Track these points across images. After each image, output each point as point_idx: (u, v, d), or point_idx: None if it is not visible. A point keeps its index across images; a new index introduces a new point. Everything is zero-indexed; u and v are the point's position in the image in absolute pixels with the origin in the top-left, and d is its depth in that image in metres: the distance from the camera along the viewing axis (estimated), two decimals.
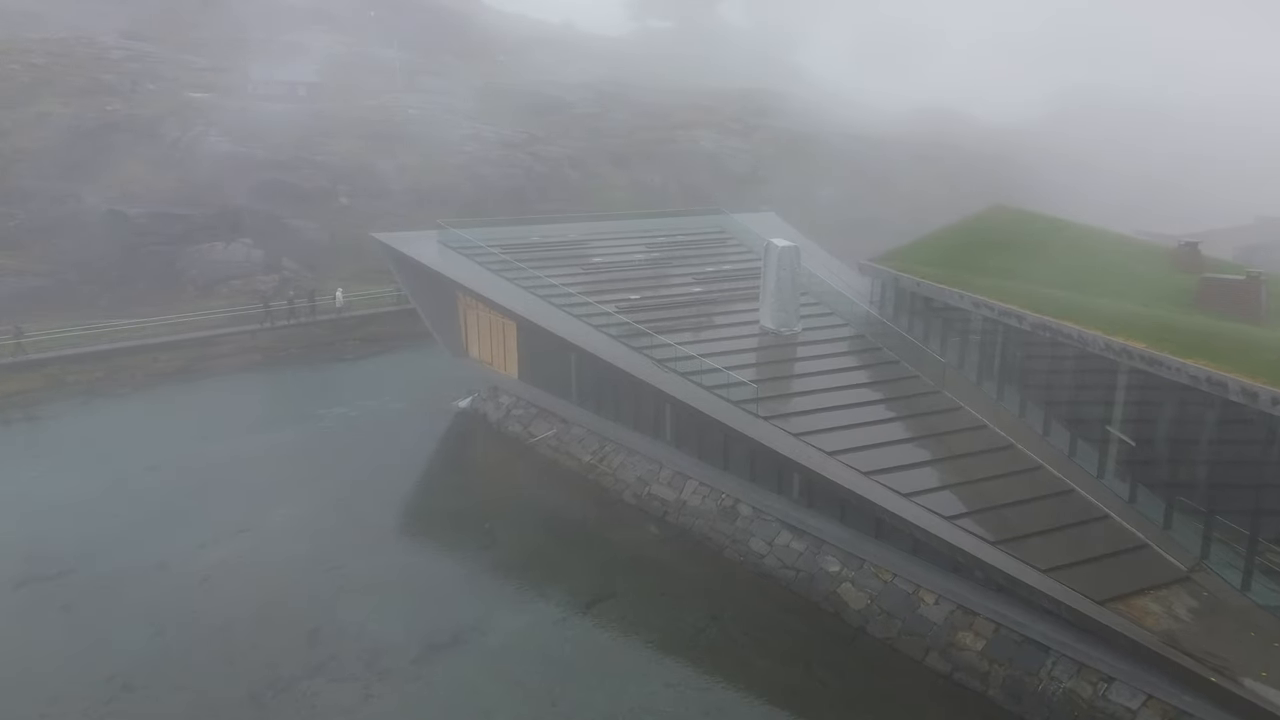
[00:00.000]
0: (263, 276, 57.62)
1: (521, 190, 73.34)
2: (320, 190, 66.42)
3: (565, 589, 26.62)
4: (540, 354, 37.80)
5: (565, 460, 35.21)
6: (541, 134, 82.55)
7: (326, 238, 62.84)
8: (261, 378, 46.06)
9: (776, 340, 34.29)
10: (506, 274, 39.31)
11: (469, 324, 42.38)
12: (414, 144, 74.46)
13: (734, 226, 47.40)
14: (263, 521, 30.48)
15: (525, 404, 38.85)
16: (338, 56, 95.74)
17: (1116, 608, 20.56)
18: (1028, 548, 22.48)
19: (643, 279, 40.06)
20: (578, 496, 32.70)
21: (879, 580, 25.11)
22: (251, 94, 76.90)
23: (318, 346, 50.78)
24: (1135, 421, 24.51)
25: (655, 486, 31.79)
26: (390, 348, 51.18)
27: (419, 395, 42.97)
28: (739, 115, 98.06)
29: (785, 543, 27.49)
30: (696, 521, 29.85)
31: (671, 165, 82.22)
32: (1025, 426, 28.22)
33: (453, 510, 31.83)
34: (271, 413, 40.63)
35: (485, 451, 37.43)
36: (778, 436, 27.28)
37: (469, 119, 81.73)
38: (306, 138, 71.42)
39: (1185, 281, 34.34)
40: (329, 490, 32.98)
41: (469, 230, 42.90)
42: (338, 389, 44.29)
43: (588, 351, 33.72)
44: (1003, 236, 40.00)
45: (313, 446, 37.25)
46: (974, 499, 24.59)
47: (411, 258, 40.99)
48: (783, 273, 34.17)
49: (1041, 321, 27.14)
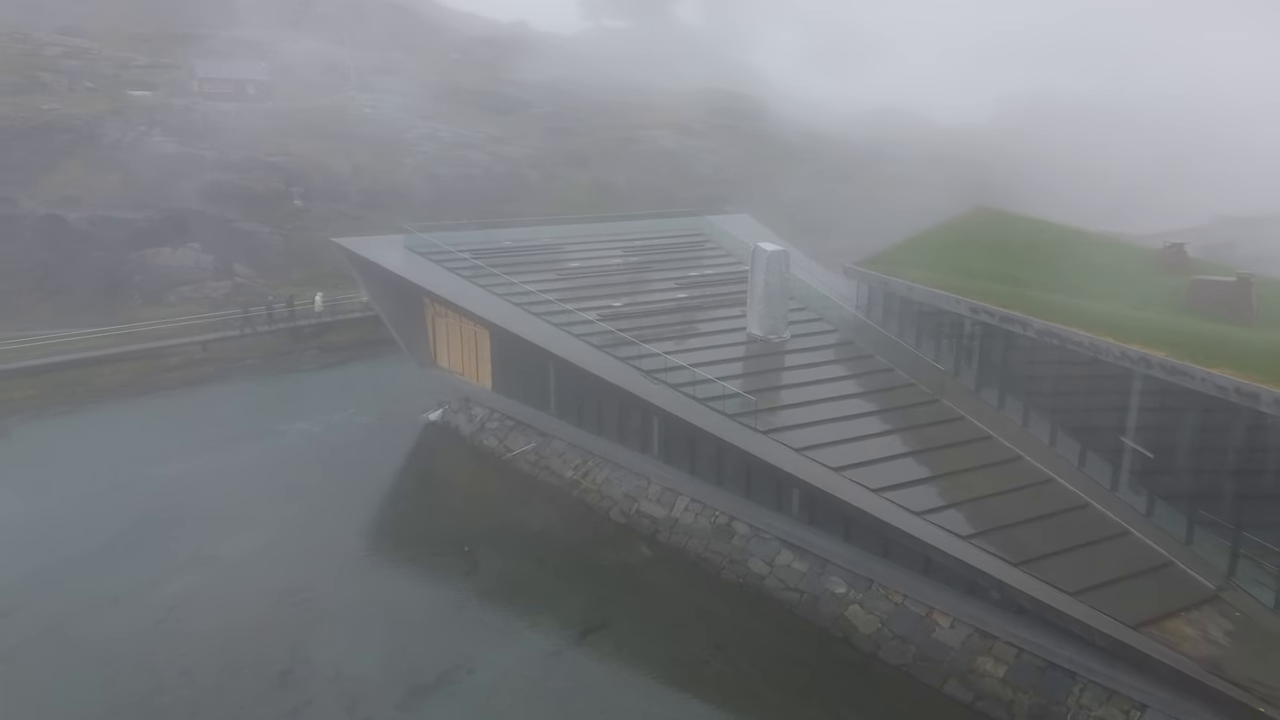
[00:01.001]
0: (213, 283, 54.98)
1: (481, 191, 71.29)
2: (273, 192, 63.74)
3: (556, 618, 24.97)
4: (516, 364, 36.06)
5: (546, 476, 33.50)
6: (500, 134, 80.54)
7: (280, 241, 60.24)
8: (216, 391, 43.52)
9: (766, 348, 32.98)
10: (479, 280, 37.49)
11: (437, 332, 40.43)
12: (369, 144, 72.06)
13: (710, 229, 46.07)
14: (224, 549, 28.31)
15: (500, 416, 37.04)
16: (287, 54, 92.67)
17: (1150, 632, 19.53)
18: (1051, 568, 21.38)
19: (622, 284, 38.50)
20: (562, 515, 31.03)
21: (889, 602, 23.86)
22: (198, 92, 73.81)
23: (275, 356, 48.29)
24: (1152, 431, 23.58)
25: (644, 503, 30.25)
26: (353, 356, 48.89)
27: (386, 407, 40.88)
28: (701, 115, 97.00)
29: (786, 563, 26.13)
30: (690, 541, 28.37)
31: (634, 165, 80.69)
32: (1030, 437, 27.22)
33: (429, 532, 29.96)
34: (228, 429, 38.21)
35: (460, 467, 35.53)
36: (779, 452, 25.93)
37: (425, 118, 79.41)
38: (257, 138, 68.61)
39: (1172, 283, 33.76)
40: (294, 513, 30.88)
41: (436, 234, 40.97)
42: (298, 402, 42.00)
43: (568, 361, 32.09)
44: (987, 238, 39.22)
45: (274, 465, 35.03)
46: (988, 515, 23.46)
47: (376, 263, 38.94)
48: (772, 278, 32.87)
49: (1048, 328, 26.15)
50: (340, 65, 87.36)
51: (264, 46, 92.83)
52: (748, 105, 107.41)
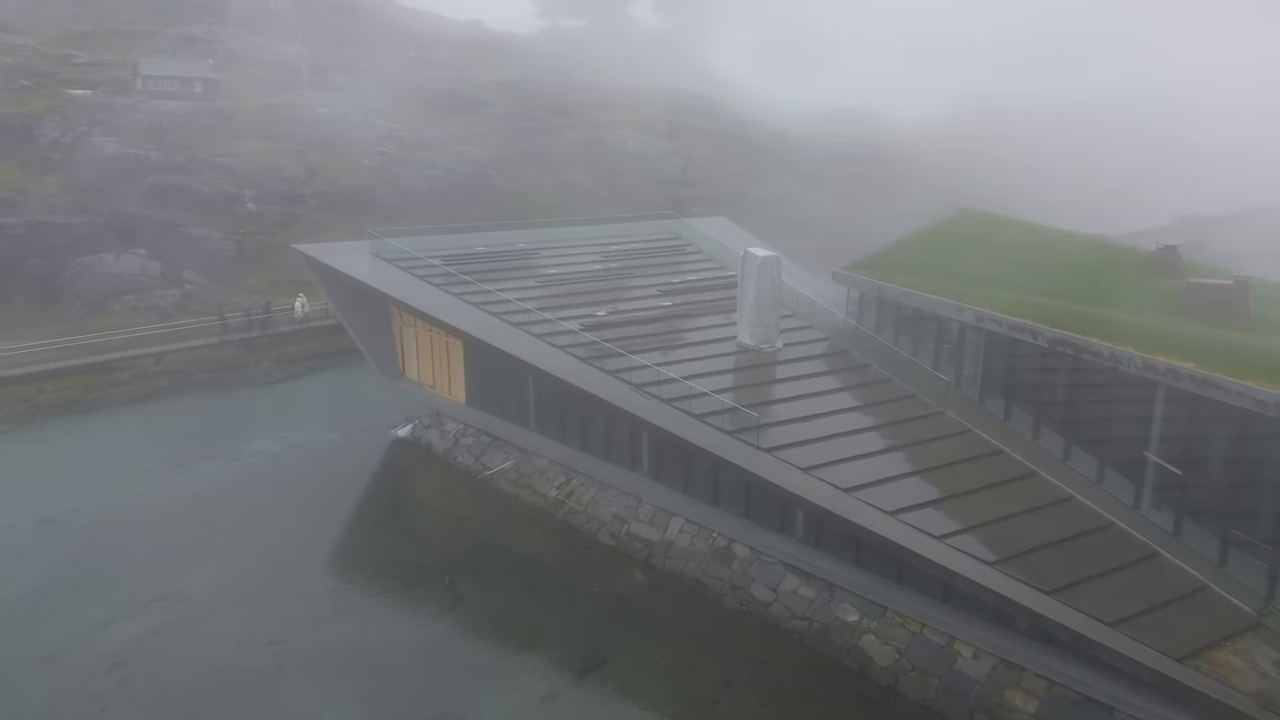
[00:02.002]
0: (160, 291, 52.03)
1: (443, 193, 68.94)
2: (223, 195, 60.81)
3: (549, 656, 23.14)
4: (492, 376, 34.14)
5: (527, 496, 31.60)
6: (461, 134, 78.21)
7: (232, 247, 57.43)
8: (168, 408, 40.85)
9: (758, 358, 31.42)
10: (451, 288, 35.46)
11: (405, 343, 38.29)
12: (325, 144, 69.33)
13: (688, 232, 44.47)
14: (181, 587, 25.97)
15: (476, 432, 35.03)
16: (236, 51, 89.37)
17: (1197, 664, 18.30)
18: (1084, 595, 20.09)
19: (603, 292, 36.71)
20: (547, 538, 29.17)
21: (906, 631, 22.42)
22: (141, 90, 70.43)
23: (230, 369, 45.64)
24: (1178, 446, 22.44)
25: (635, 525, 28.51)
26: (313, 368, 46.44)
27: (351, 423, 38.59)
28: (664, 115, 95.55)
29: (792, 588, 24.59)
30: (687, 565, 26.70)
31: (599, 166, 78.94)
32: (1043, 451, 26.00)
33: (405, 561, 27.90)
34: (183, 449, 35.64)
35: (434, 487, 33.45)
36: (785, 472, 24.36)
37: (383, 118, 76.80)
38: (205, 138, 65.65)
39: (1164, 285, 33.04)
40: (257, 544, 28.62)
41: (404, 239, 38.82)
42: (257, 418, 39.50)
43: (551, 374, 30.25)
44: (976, 241, 38.23)
45: (234, 489, 32.65)
46: (1010, 538, 22.12)
47: (341, 271, 36.70)
48: (763, 285, 31.34)
49: (1062, 338, 24.94)
50: (292, 63, 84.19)
51: (211, 43, 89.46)
52: (710, 105, 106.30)
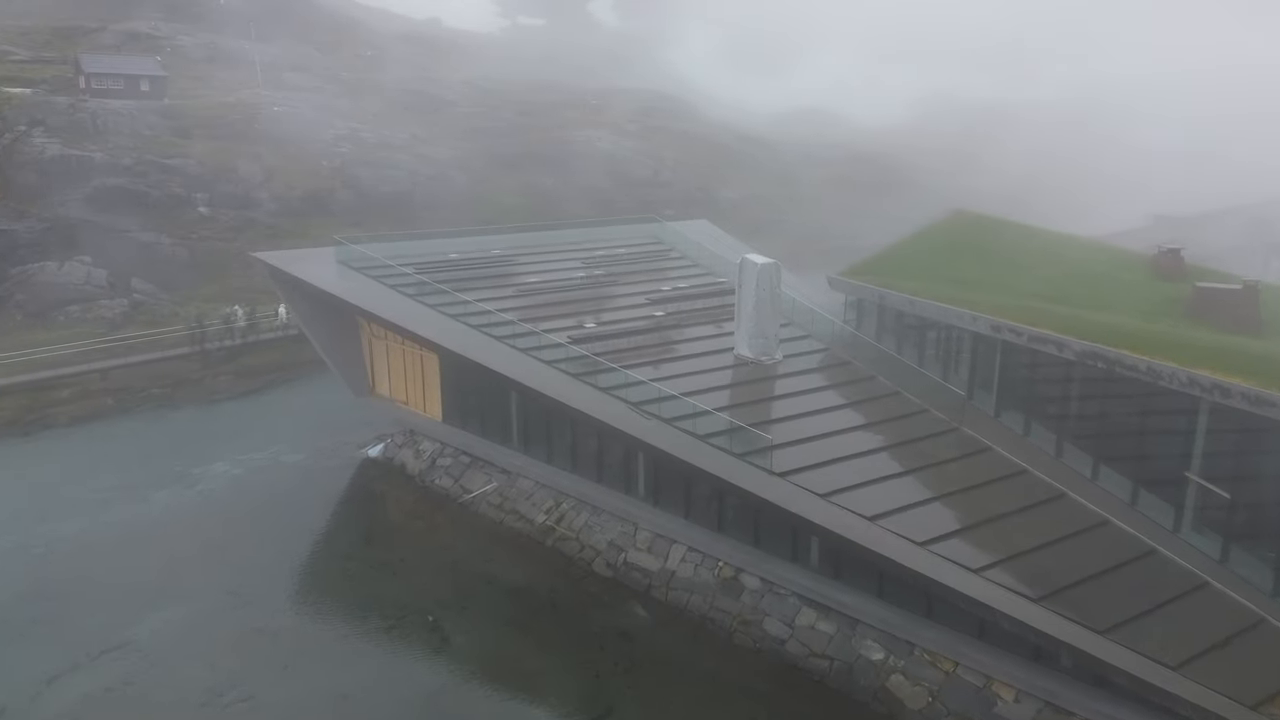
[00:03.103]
0: (107, 301, 48.93)
1: (407, 196, 66.40)
2: (173, 199, 57.71)
3: (550, 707, 21.13)
4: (471, 392, 32.00)
5: (513, 521, 29.45)
6: (424, 134, 75.60)
7: (184, 253, 54.40)
8: (117, 429, 37.97)
9: (759, 371, 29.61)
10: (425, 298, 33.20)
11: (376, 357, 35.93)
12: (281, 145, 66.32)
13: (670, 236, 42.59)
14: (137, 633, 23.48)
15: (454, 451, 32.80)
16: (184, 48, 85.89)
17: (1270, 712, 16.81)
18: (1138, 633, 18.53)
19: (588, 301, 34.68)
20: (537, 569, 27.06)
21: (937, 670, 20.72)
22: (85, 89, 66.91)
23: (184, 384, 42.79)
24: (1223, 466, 21.02)
25: (632, 553, 26.52)
26: (274, 382, 43.76)
27: (318, 442, 36.09)
28: (630, 115, 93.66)
29: (809, 623, 22.79)
30: (691, 598, 24.79)
31: (567, 167, 76.68)
32: (1068, 470, 24.52)
33: (383, 598, 25.61)
34: (134, 475, 32.92)
35: (411, 513, 31.16)
36: (803, 499, 22.55)
37: (342, 118, 73.98)
38: (154, 139, 62.32)
39: (1169, 290, 32.03)
40: (219, 581, 26.14)
41: (373, 246, 36.44)
42: (214, 438, 36.79)
43: (537, 391, 28.16)
44: (974, 245, 36.91)
45: (191, 518, 30.06)
46: (1049, 569, 20.51)
47: (305, 281, 34.23)
48: (762, 293, 29.55)
49: (1092, 350, 23.45)
50: (245, 60, 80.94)
51: (158, 40, 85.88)
52: (677, 105, 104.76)
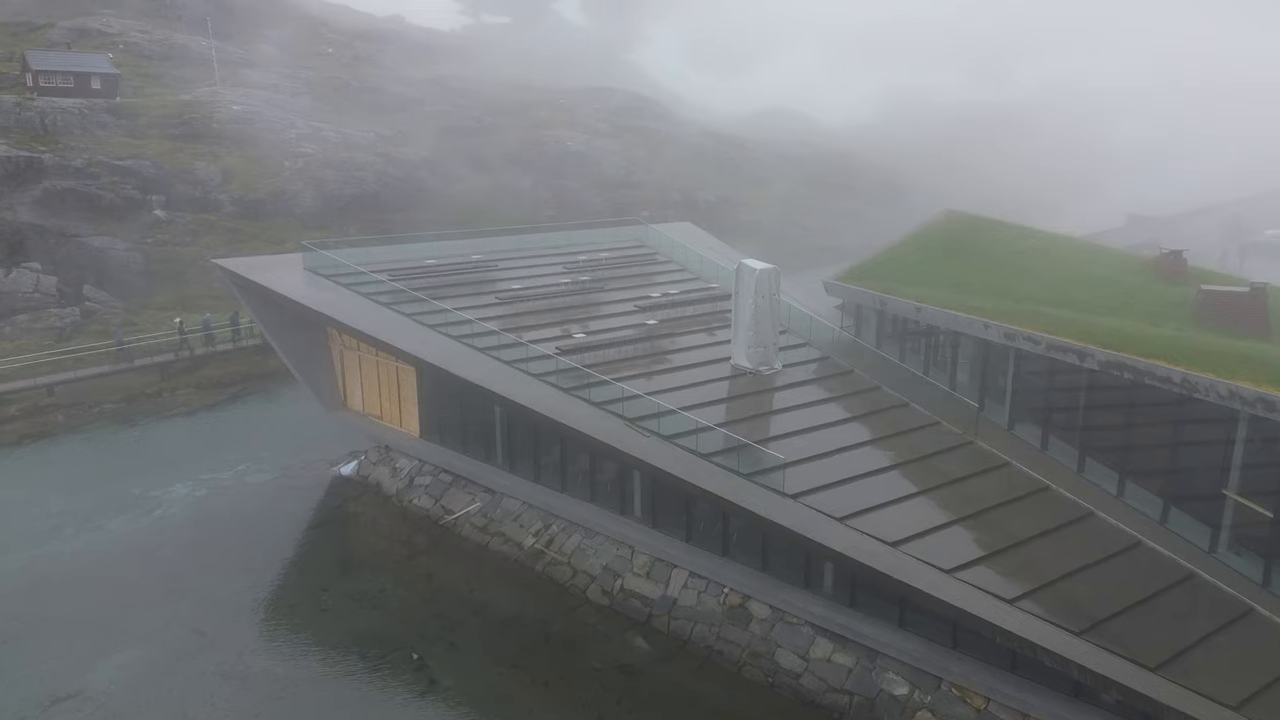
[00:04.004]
0: (58, 310, 46.35)
1: (373, 197, 64.17)
2: (127, 201, 55.08)
3: None
4: (452, 406, 30.16)
5: (499, 545, 27.65)
6: (390, 134, 73.35)
7: (139, 259, 51.78)
8: (66, 449, 35.51)
9: (758, 383, 28.07)
10: (401, 307, 31.26)
11: (348, 369, 33.91)
12: (241, 145, 63.91)
13: (655, 239, 40.94)
14: (91, 681, 21.38)
15: (433, 470, 30.92)
16: (138, 45, 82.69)
17: None
18: (1195, 670, 17.21)
19: (575, 309, 32.91)
20: (527, 597, 25.28)
21: (968, 707, 19.31)
22: (32, 87, 63.84)
23: (141, 398, 40.38)
24: (1264, 482, 19.81)
25: (630, 579, 24.86)
26: (239, 395, 41.47)
27: (286, 460, 34.01)
28: (601, 114, 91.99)
29: (825, 655, 21.29)
30: (696, 628, 23.19)
31: (539, 168, 74.88)
32: (1091, 486, 23.27)
33: (363, 634, 23.70)
34: (87, 500, 30.60)
35: (389, 536, 29.20)
36: (819, 524, 21.00)
37: (304, 117, 71.50)
38: (106, 139, 59.66)
39: (1172, 292, 31.07)
40: (182, 618, 24.07)
41: (343, 252, 34.42)
42: (174, 458, 34.50)
43: (527, 409, 26.38)
44: (971, 248, 35.71)
45: (150, 548, 27.86)
46: (1087, 598, 19.14)
47: (270, 289, 32.12)
48: (761, 300, 28.01)
49: (1118, 360, 22.19)
50: (202, 58, 78.05)
51: (110, 36, 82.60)
52: (648, 105, 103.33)
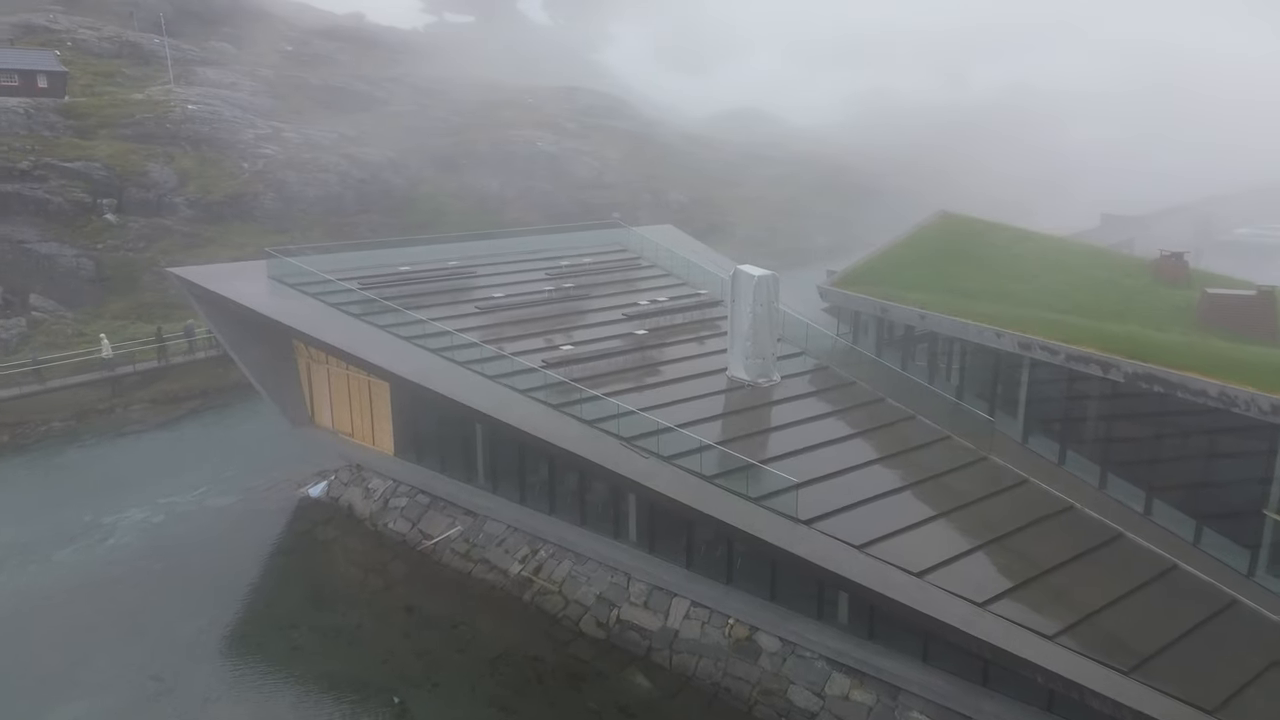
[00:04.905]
0: (2, 320, 43.65)
1: (337, 199, 61.94)
2: (76, 205, 52.32)
3: None
4: (429, 422, 28.32)
5: (483, 572, 25.83)
6: (354, 134, 70.89)
7: (90, 266, 49.13)
8: (9, 471, 33.08)
9: (757, 396, 26.51)
10: (373, 318, 29.29)
11: (315, 382, 31.88)
12: (197, 146, 61.23)
13: (637, 243, 39.29)
14: None
15: (409, 490, 29.01)
16: (86, 42, 79.25)
17: None
18: (1251, 711, 15.93)
19: (559, 318, 31.15)
20: (516, 630, 23.52)
21: None
22: None
23: (91, 415, 37.93)
24: None
25: (627, 609, 23.20)
26: (197, 410, 39.16)
27: (251, 480, 31.89)
28: (569, 114, 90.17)
29: (843, 692, 19.80)
30: (700, 663, 21.59)
31: (508, 169, 72.84)
32: (1116, 505, 22.02)
33: (338, 677, 21.80)
34: (32, 529, 28.29)
35: (362, 564, 27.22)
36: (838, 554, 19.46)
37: (264, 117, 68.84)
38: (54, 140, 56.63)
39: (1175, 296, 30.14)
40: (139, 662, 22.01)
41: (309, 259, 32.35)
42: (128, 480, 32.24)
43: (512, 427, 24.61)
44: (967, 251, 34.50)
45: (102, 582, 25.67)
46: (1129, 632, 17.78)
47: (231, 299, 29.98)
48: (759, 309, 26.47)
49: (1148, 372, 20.96)
50: (156, 55, 75.00)
51: (57, 33, 79.02)
52: (613, 104, 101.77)
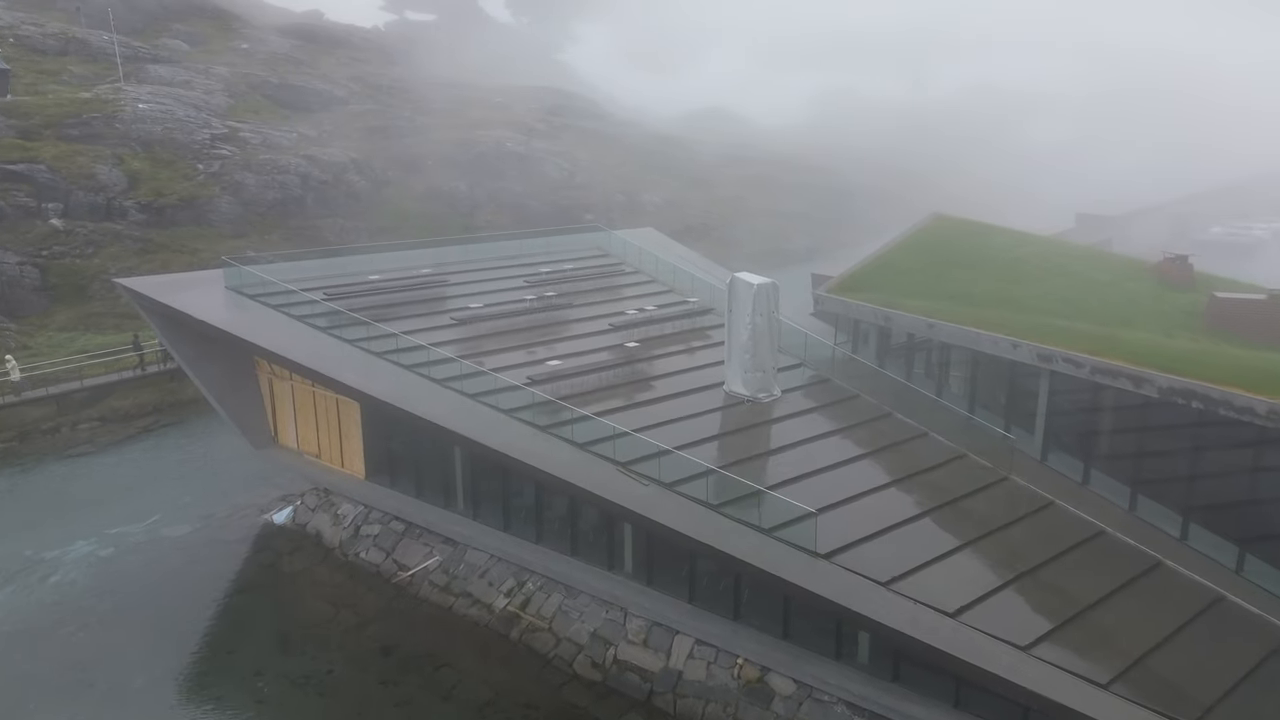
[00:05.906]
0: None
1: (298, 202, 59.42)
2: (19, 210, 49.43)
3: None
4: (403, 444, 26.26)
5: (465, 607, 23.83)
6: (314, 134, 68.24)
7: (34, 274, 46.31)
8: None
9: (758, 413, 24.77)
10: (341, 331, 27.16)
11: (279, 400, 29.65)
12: (149, 147, 58.28)
13: (619, 248, 37.46)
14: None
15: (382, 517, 26.92)
16: (30, 39, 75.61)
17: None
18: None
19: (542, 329, 29.20)
20: (503, 672, 21.58)
21: None
22: None
23: (34, 436, 35.28)
24: None
25: (624, 648, 21.36)
26: (150, 429, 36.63)
27: (209, 506, 29.58)
28: (537, 114, 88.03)
29: None
30: (708, 707, 19.80)
31: (475, 169, 70.60)
32: (1148, 528, 20.62)
33: None
34: None
35: (332, 599, 25.04)
36: (863, 592, 17.76)
37: (219, 116, 65.94)
38: None
39: (1181, 300, 29.11)
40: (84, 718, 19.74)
41: (271, 267, 30.13)
42: (75, 508, 29.77)
43: (496, 452, 22.65)
44: (966, 255, 33.26)
45: (45, 628, 23.30)
46: (1186, 677, 16.30)
47: (185, 313, 27.68)
48: (758, 319, 24.74)
49: (1184, 387, 19.54)
50: (104, 52, 71.71)
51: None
52: (582, 104, 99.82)
